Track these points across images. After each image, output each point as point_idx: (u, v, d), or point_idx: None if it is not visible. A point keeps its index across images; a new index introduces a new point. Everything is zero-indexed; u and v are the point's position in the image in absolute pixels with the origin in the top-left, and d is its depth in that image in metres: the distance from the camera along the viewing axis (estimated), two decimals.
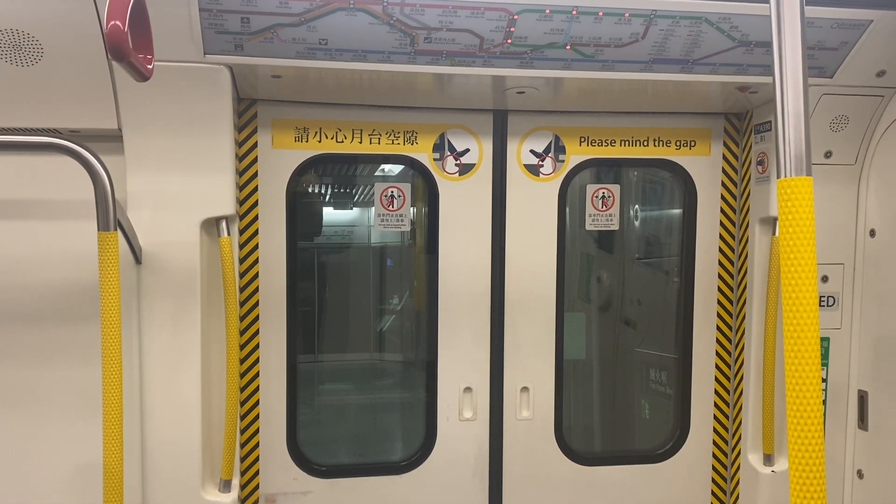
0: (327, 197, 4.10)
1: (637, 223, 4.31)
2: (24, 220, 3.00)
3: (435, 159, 3.54)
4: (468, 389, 3.64)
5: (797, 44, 1.41)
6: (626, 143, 3.67)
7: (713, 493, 3.86)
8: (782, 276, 1.40)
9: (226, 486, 3.15)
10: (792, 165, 1.40)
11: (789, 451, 1.38)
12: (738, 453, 3.71)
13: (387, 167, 3.82)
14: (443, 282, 3.59)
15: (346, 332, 4.41)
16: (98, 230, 2.43)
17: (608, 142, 3.66)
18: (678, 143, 3.69)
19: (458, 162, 3.55)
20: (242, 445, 3.43)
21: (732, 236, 3.75)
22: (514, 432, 3.68)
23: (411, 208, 3.66)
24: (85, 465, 3.00)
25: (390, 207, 3.59)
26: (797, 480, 1.37)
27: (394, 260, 4.39)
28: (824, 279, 3.44)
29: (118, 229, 2.48)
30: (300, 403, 3.60)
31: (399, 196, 3.58)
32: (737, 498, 3.74)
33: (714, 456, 3.84)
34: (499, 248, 3.61)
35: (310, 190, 3.84)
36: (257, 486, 3.48)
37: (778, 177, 1.42)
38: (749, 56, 3.00)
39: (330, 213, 4.13)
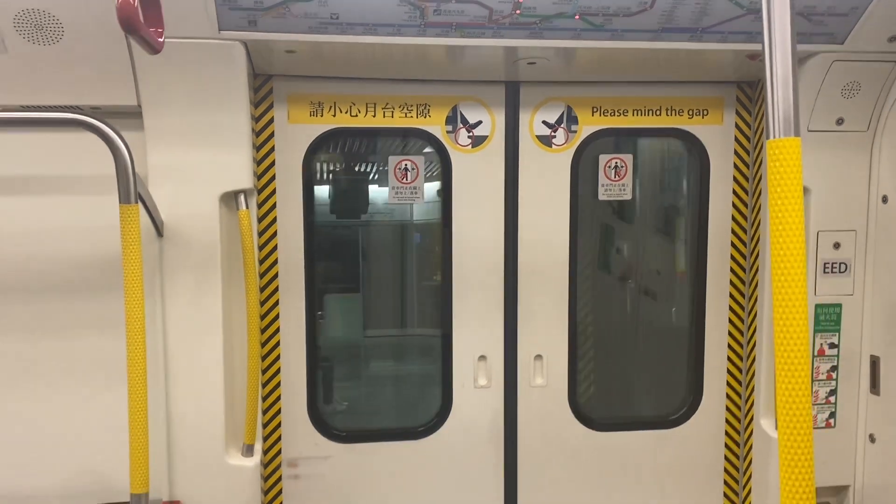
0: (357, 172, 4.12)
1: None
2: (49, 195, 3.10)
3: (448, 132, 3.58)
4: (483, 358, 3.71)
5: (785, 6, 1.44)
6: (639, 112, 3.69)
7: (726, 458, 3.91)
8: (771, 237, 1.42)
9: (249, 450, 3.27)
10: (780, 127, 1.42)
11: (778, 415, 1.40)
12: (751, 419, 3.76)
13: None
14: (456, 253, 3.66)
15: (371, 303, 4.43)
16: (119, 203, 2.49)
17: (620, 111, 3.68)
18: (690, 112, 3.70)
19: (471, 134, 3.60)
20: (264, 412, 3.55)
21: (745, 204, 3.77)
22: (528, 399, 3.75)
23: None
24: (111, 431, 3.11)
25: (404, 180, 3.64)
26: (785, 444, 1.38)
27: (417, 232, 4.38)
28: (836, 246, 3.46)
29: (139, 203, 2.56)
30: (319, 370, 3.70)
31: (413, 169, 3.64)
32: (749, 462, 3.80)
33: (727, 421, 3.89)
34: (512, 218, 3.66)
35: (337, 167, 3.88)
36: (279, 451, 3.60)
37: (767, 138, 1.45)
38: (758, 24, 2.97)
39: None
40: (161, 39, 1.88)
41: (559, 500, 3.83)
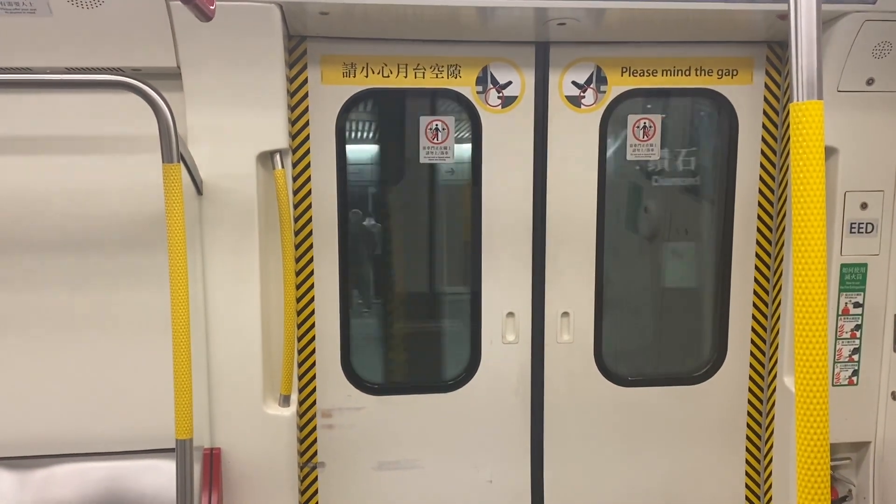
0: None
1: None
2: (93, 154, 3.20)
3: (478, 92, 3.63)
4: (511, 314, 3.81)
5: None
6: (668, 72, 3.70)
7: (749, 414, 3.99)
8: (793, 198, 1.45)
9: (285, 401, 3.40)
10: (804, 90, 1.44)
11: (795, 371, 1.45)
12: (775, 376, 3.82)
13: None
14: (486, 212, 3.73)
15: (400, 260, 4.49)
16: (162, 162, 2.55)
17: (650, 72, 3.70)
18: (720, 73, 3.71)
19: (501, 94, 3.64)
20: (300, 364, 3.68)
21: (773, 165, 3.78)
22: (554, 355, 3.85)
23: None
24: (154, 381, 3.24)
25: (435, 140, 3.71)
26: (802, 400, 1.44)
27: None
28: (863, 206, 3.47)
29: (181, 162, 2.64)
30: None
31: (443, 129, 3.70)
32: (772, 419, 3.87)
33: (750, 378, 3.96)
34: (541, 178, 3.72)
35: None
36: (314, 402, 3.74)
37: (791, 101, 1.48)
38: None
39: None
40: (212, 7, 1.96)
41: (584, 453, 3.95)
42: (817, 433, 1.43)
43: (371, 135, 3.97)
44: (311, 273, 3.64)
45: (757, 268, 3.87)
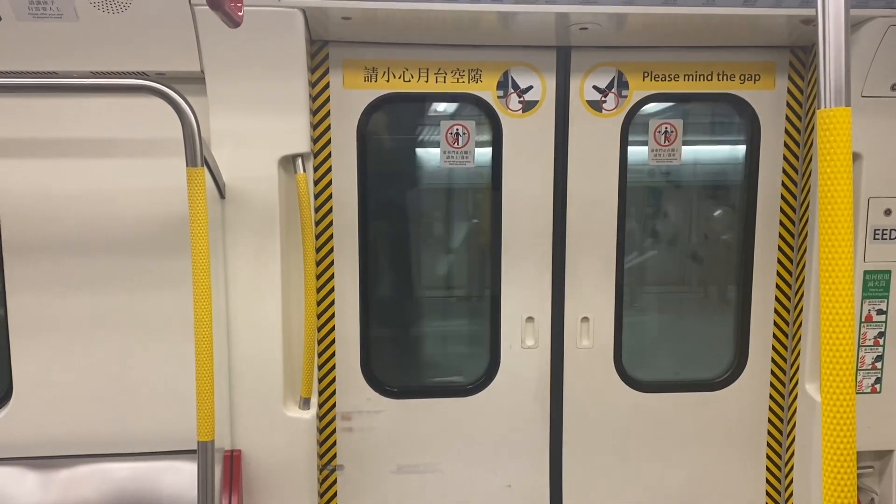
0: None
1: None
2: (118, 157, 3.23)
3: (499, 97, 3.63)
4: (530, 319, 3.80)
5: None
6: (690, 77, 3.69)
7: (770, 422, 3.96)
8: (820, 206, 1.44)
9: (305, 403, 3.42)
10: (832, 96, 1.43)
11: (822, 379, 1.44)
12: (796, 383, 3.79)
13: None
14: (506, 216, 3.73)
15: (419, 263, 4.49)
16: (186, 166, 2.58)
17: (671, 76, 3.68)
18: (742, 77, 3.69)
19: (522, 99, 3.64)
20: (320, 368, 3.69)
21: (796, 170, 3.76)
22: (574, 360, 3.84)
23: None
24: (178, 383, 3.27)
25: (455, 144, 3.71)
26: (828, 408, 1.43)
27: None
28: (887, 212, 3.44)
29: (204, 165, 2.66)
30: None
31: (464, 133, 3.70)
32: (793, 426, 3.84)
33: (771, 385, 3.93)
34: (561, 182, 3.71)
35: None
36: (334, 405, 3.75)
37: (818, 108, 1.47)
38: None
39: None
40: (241, 13, 1.98)
41: (603, 459, 3.93)
42: (844, 441, 1.42)
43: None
44: (332, 276, 3.65)
45: (779, 273, 3.84)
